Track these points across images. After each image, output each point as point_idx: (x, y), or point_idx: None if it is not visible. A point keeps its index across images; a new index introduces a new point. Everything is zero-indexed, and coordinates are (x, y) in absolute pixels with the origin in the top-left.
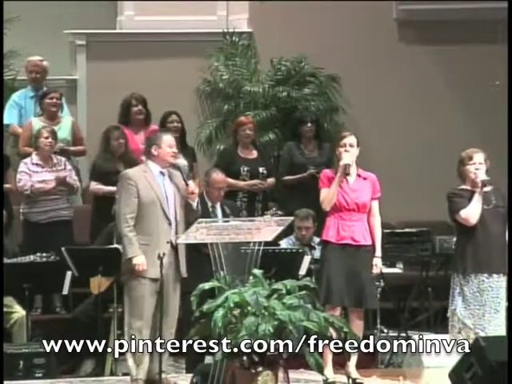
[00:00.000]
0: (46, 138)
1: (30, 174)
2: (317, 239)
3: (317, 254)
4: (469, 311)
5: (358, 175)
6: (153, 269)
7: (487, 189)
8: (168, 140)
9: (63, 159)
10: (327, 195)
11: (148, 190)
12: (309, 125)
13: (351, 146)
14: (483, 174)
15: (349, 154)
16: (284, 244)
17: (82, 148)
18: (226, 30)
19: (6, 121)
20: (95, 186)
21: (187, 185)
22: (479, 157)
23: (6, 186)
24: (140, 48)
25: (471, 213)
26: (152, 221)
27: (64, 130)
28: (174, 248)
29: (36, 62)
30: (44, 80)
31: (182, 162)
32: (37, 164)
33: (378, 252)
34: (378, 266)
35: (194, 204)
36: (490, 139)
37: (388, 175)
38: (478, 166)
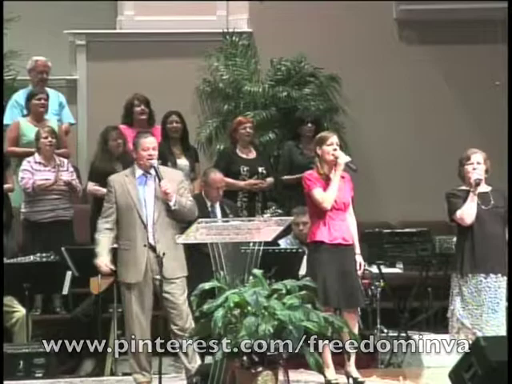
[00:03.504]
0: (46, 137)
1: (33, 173)
2: None
3: None
4: (467, 311)
5: None
6: (132, 274)
7: (486, 189)
8: (143, 143)
9: (65, 161)
10: (328, 194)
11: (125, 194)
12: (309, 125)
13: (337, 144)
14: (479, 173)
15: (341, 151)
16: (282, 243)
17: (68, 151)
18: (225, 30)
19: (7, 121)
20: (92, 186)
21: (160, 185)
22: (477, 157)
23: (6, 185)
24: (140, 48)
25: (466, 213)
26: (130, 225)
27: None
28: (154, 251)
29: (45, 63)
30: (47, 80)
31: (183, 162)
32: (39, 163)
33: (358, 249)
34: (361, 263)
35: (171, 203)
36: (490, 139)
37: (388, 175)
38: (476, 166)
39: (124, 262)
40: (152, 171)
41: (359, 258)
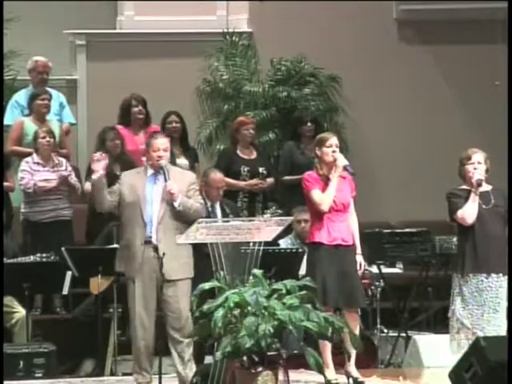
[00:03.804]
0: (43, 137)
1: (32, 173)
2: None
3: None
4: (467, 311)
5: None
6: (129, 268)
7: (486, 188)
8: (154, 144)
9: (64, 160)
10: (326, 196)
11: (132, 191)
12: (309, 124)
13: (337, 146)
14: (480, 173)
15: (340, 153)
16: (282, 244)
17: (67, 151)
18: (225, 30)
19: (8, 121)
20: (90, 186)
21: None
22: (478, 156)
23: (6, 184)
24: (140, 48)
25: (467, 213)
26: (131, 222)
27: (55, 132)
28: (155, 250)
29: (45, 63)
30: (47, 81)
31: (183, 162)
32: (38, 163)
33: (359, 249)
34: (362, 263)
35: (176, 204)
36: (490, 139)
37: (388, 175)
38: (477, 166)
39: (124, 256)
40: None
41: (359, 258)
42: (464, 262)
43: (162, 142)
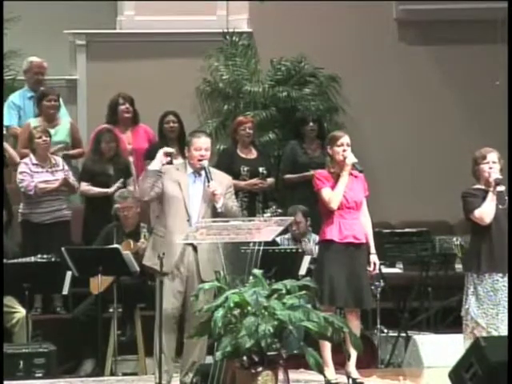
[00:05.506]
0: (39, 137)
1: (32, 175)
2: (312, 235)
3: (309, 246)
4: (482, 310)
5: (350, 174)
6: (168, 264)
7: (501, 188)
8: (196, 142)
9: (60, 160)
10: (335, 194)
11: (173, 185)
12: (311, 124)
13: (348, 145)
14: (497, 173)
15: (350, 152)
16: (280, 240)
17: (82, 150)
18: (225, 30)
19: (5, 122)
20: (85, 186)
21: (209, 186)
22: (493, 156)
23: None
24: (140, 48)
25: (485, 212)
26: (172, 216)
27: (62, 132)
28: (194, 247)
29: (40, 63)
30: (44, 81)
31: (181, 162)
32: (36, 164)
33: (373, 249)
34: (376, 263)
35: (218, 205)
36: (490, 139)
37: (388, 175)
38: (492, 165)
39: (158, 248)
40: (202, 172)
41: (374, 258)
42: (480, 262)
43: (204, 141)
